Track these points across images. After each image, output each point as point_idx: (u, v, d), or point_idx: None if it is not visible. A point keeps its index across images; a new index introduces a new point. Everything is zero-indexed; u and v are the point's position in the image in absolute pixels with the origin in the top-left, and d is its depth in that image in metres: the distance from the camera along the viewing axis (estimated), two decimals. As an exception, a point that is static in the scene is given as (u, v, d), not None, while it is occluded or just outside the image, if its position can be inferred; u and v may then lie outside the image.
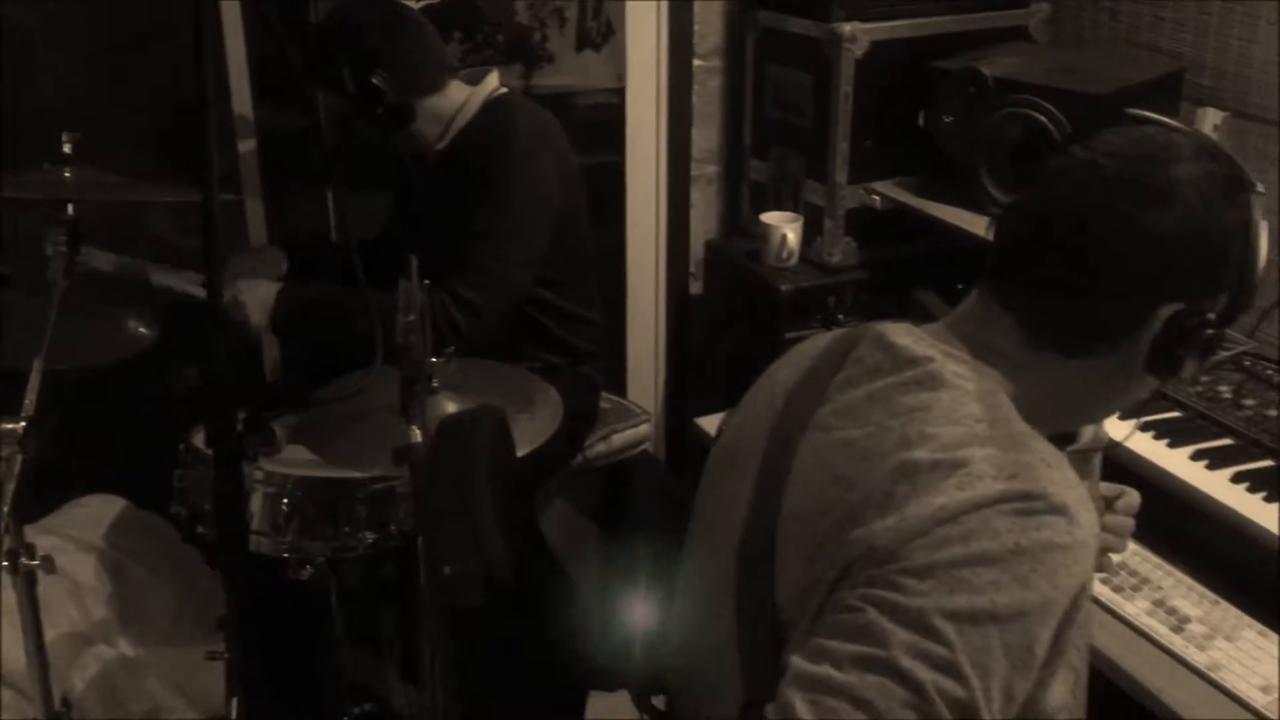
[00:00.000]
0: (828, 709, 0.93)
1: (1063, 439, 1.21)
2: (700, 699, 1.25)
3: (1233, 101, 2.30)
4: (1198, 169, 1.06)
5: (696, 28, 2.80)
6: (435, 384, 1.70)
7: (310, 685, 2.24)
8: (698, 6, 2.78)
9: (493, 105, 2.25)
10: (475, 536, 1.09)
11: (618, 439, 2.48)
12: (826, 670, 0.95)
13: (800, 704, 0.94)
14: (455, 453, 1.23)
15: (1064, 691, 1.13)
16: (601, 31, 2.85)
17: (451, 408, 1.68)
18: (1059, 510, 0.99)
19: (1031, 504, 0.98)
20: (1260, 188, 1.07)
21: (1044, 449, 1.05)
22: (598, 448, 2.44)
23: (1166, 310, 1.06)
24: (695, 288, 2.96)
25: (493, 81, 2.29)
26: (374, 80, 2.12)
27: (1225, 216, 1.06)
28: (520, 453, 1.76)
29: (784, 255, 2.66)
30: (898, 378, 1.09)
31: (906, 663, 0.93)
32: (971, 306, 1.16)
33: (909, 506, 0.99)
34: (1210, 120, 2.32)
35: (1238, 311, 1.08)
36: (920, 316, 1.22)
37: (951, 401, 1.06)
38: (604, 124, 2.90)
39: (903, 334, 1.14)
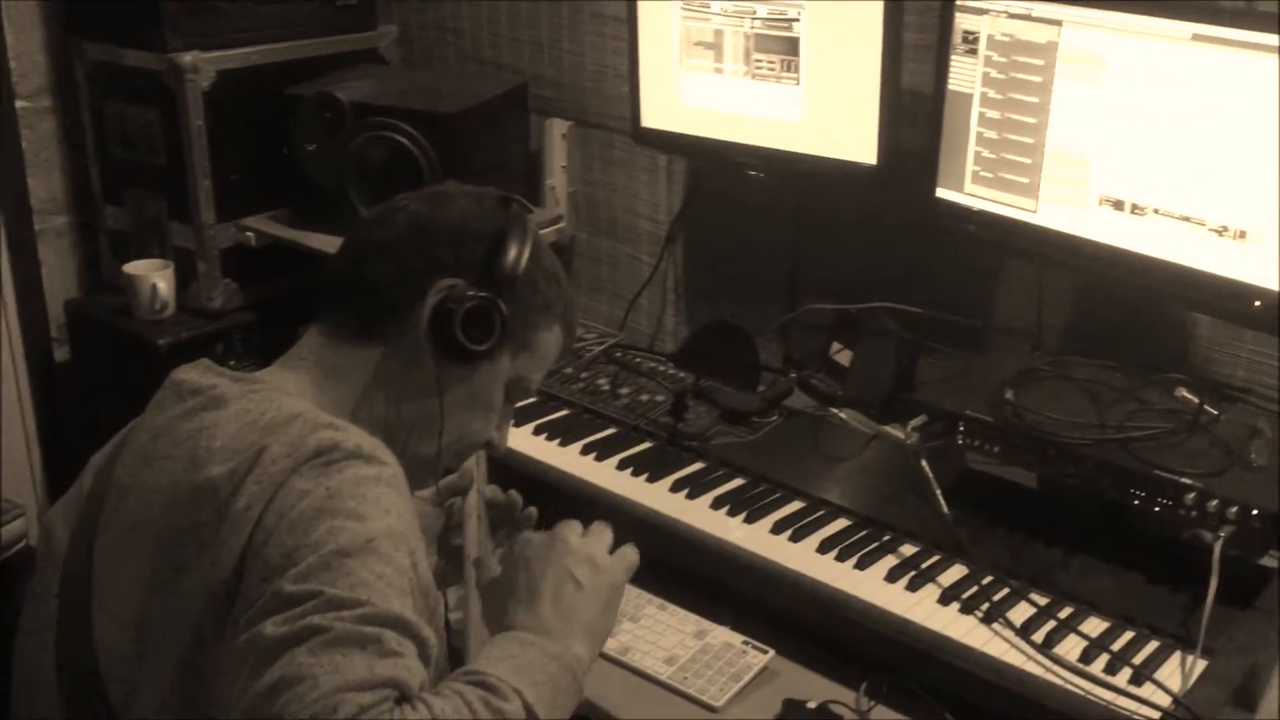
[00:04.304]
0: None
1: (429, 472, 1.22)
2: None
3: (574, 111, 2.46)
4: (470, 189, 1.22)
5: (13, 64, 2.48)
6: None
7: None
8: (11, 41, 2.46)
9: None
10: None
11: (-17, 543, 2.13)
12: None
13: None
14: None
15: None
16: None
17: None
18: (355, 454, 1.01)
19: (328, 456, 1.00)
20: (527, 205, 1.23)
21: (328, 418, 1.06)
22: (-42, 558, 2.08)
23: (440, 285, 1.13)
24: (61, 354, 2.63)
25: None
26: None
27: (487, 216, 1.18)
28: None
29: (158, 306, 2.43)
30: (181, 408, 1.08)
31: (280, 631, 0.88)
32: (300, 341, 1.19)
33: (223, 529, 0.97)
34: (558, 130, 2.45)
35: (501, 292, 1.15)
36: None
37: (236, 412, 1.06)
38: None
39: (191, 370, 1.14)
